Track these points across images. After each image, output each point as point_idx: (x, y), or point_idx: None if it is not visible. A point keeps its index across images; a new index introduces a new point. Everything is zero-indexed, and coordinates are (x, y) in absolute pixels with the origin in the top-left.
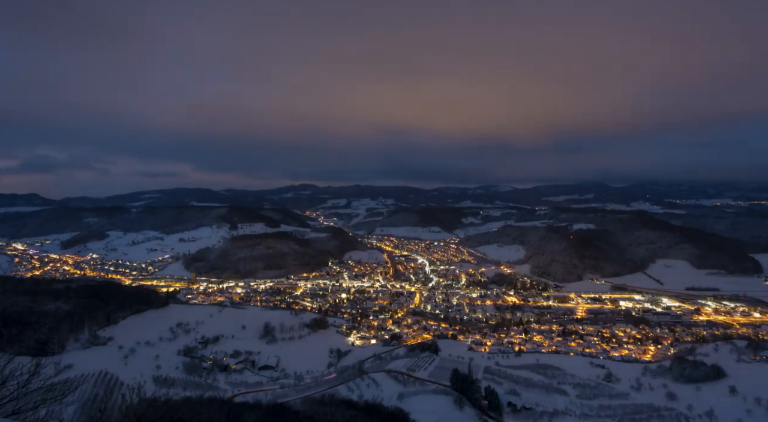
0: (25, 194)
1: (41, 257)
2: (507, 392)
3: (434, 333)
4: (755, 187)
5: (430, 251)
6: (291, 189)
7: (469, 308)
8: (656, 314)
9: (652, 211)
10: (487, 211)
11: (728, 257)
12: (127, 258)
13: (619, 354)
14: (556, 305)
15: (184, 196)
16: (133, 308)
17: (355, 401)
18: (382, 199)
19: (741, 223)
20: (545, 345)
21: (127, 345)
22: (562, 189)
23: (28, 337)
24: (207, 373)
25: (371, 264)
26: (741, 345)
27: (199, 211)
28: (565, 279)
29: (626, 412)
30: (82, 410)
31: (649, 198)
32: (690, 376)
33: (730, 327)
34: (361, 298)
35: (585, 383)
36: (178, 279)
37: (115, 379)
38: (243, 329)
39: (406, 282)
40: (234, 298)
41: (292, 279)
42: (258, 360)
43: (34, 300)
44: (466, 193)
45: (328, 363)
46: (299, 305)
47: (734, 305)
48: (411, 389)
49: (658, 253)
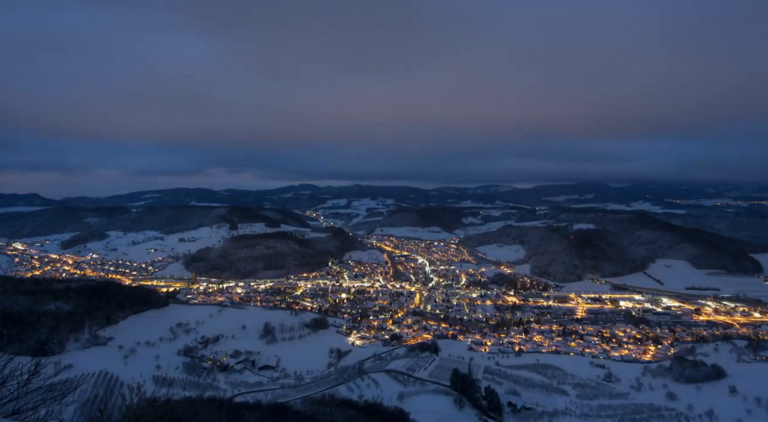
0: (25, 194)
1: (41, 257)
2: (507, 392)
3: (434, 333)
4: (755, 187)
5: (430, 251)
6: (291, 189)
7: (469, 308)
8: (656, 314)
9: (652, 211)
10: (487, 210)
11: (728, 257)
12: (127, 258)
13: (619, 354)
14: (556, 305)
15: (184, 196)
16: (133, 308)
17: (355, 401)
18: (382, 198)
19: (741, 223)
20: (545, 345)
21: (127, 345)
22: (562, 189)
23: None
24: (207, 373)
25: (371, 264)
26: (741, 345)
27: (199, 210)
28: (565, 279)
29: (626, 412)
30: (82, 410)
31: (649, 198)
32: (690, 376)
33: (730, 327)
34: (361, 298)
35: (585, 383)
36: (178, 279)
37: (115, 379)
38: (243, 329)
39: (406, 282)
40: (234, 298)
41: (292, 279)
42: (258, 360)
43: (34, 300)
44: (466, 192)
45: (328, 363)
46: (299, 305)
47: (734, 305)
48: (411, 389)
49: (658, 253)
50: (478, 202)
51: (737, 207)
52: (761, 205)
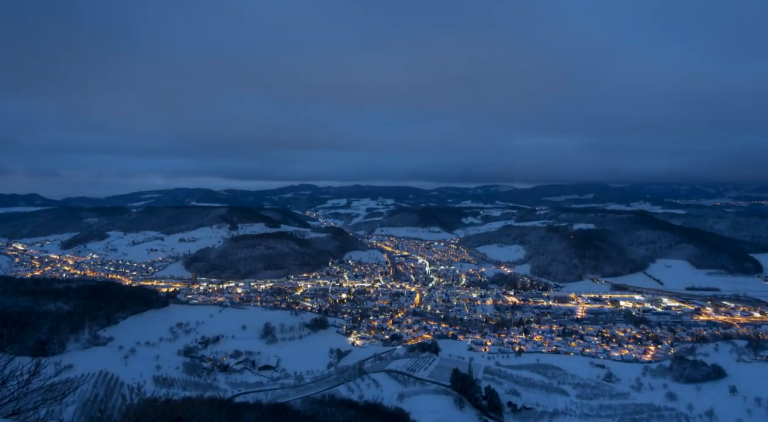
0: (25, 194)
1: (41, 257)
2: (507, 392)
3: (434, 333)
4: (755, 187)
5: (430, 251)
6: (291, 189)
7: (469, 308)
8: (656, 314)
9: (652, 211)
10: (487, 210)
11: (728, 257)
12: (127, 258)
13: (619, 354)
14: (556, 305)
15: (184, 196)
16: (134, 308)
17: (355, 401)
18: (382, 198)
19: (741, 223)
20: (545, 345)
21: (127, 345)
22: (562, 189)
23: (29, 337)
24: (207, 373)
25: (371, 264)
26: (741, 345)
27: (199, 211)
28: (565, 279)
29: (626, 412)
30: (82, 410)
31: (649, 198)
32: (690, 376)
33: (730, 327)
34: (361, 298)
35: (585, 383)
36: (178, 279)
37: (115, 379)
38: (243, 329)
39: (406, 283)
40: (234, 298)
41: (292, 279)
42: (258, 360)
43: (35, 301)
44: (466, 193)
45: (329, 363)
46: (299, 305)
47: (734, 305)
48: (411, 389)
49: (658, 253)
50: (478, 202)
51: (737, 207)
52: (761, 204)
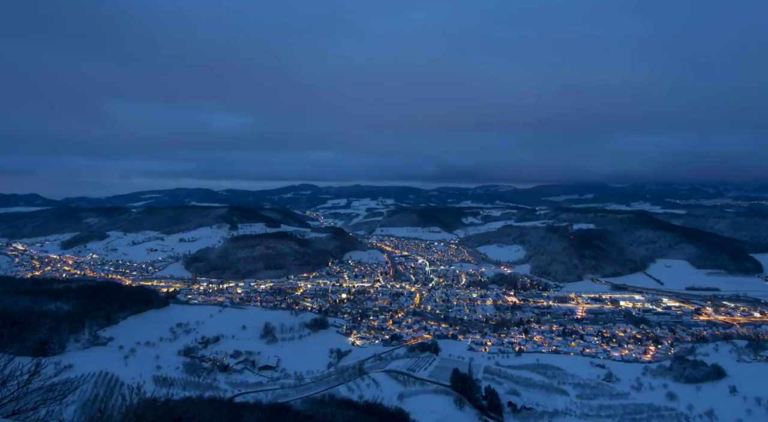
0: (25, 194)
1: (41, 257)
2: (507, 392)
3: (434, 333)
4: (755, 186)
5: (430, 251)
6: (291, 189)
7: (469, 308)
8: (656, 314)
9: (652, 211)
10: (487, 210)
11: (728, 257)
12: (127, 258)
13: (619, 354)
14: (556, 305)
15: (184, 196)
16: (134, 308)
17: (355, 401)
18: (382, 198)
19: (741, 223)
20: (545, 345)
21: (127, 345)
22: (562, 189)
23: (29, 337)
24: (207, 373)
25: (371, 264)
26: (741, 345)
27: (199, 211)
28: (565, 279)
29: (626, 412)
30: (82, 410)
31: (649, 198)
32: (690, 376)
33: (730, 327)
34: (361, 298)
35: (585, 383)
36: (178, 279)
37: (115, 379)
38: (243, 329)
39: (406, 283)
40: (234, 298)
41: (292, 279)
42: (258, 360)
43: (35, 301)
44: (466, 193)
45: (329, 363)
46: (299, 305)
47: (734, 305)
48: (411, 389)
49: (658, 253)
50: (478, 202)
51: (737, 207)
52: (761, 204)
